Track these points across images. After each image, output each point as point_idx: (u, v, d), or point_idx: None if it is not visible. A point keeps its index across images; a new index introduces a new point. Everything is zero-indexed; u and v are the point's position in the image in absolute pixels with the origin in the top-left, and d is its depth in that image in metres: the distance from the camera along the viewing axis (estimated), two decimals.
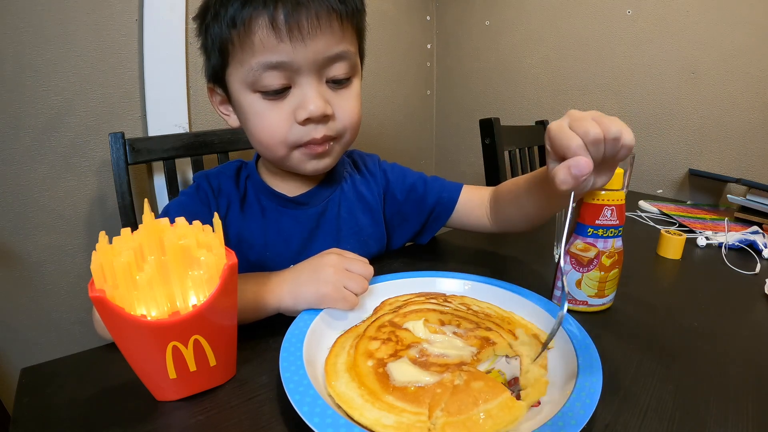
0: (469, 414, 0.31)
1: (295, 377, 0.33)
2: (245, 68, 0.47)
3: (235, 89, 0.50)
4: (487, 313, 0.46)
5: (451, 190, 0.65)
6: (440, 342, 0.40)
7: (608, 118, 0.37)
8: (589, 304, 0.50)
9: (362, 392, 0.33)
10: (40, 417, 0.33)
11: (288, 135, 0.50)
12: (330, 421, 0.29)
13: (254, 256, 0.58)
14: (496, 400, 0.32)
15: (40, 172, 0.87)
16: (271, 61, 0.46)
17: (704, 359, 0.42)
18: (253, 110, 0.50)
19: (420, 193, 0.65)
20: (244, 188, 0.59)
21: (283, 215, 0.59)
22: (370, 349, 0.39)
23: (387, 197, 0.67)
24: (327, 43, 0.47)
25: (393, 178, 0.67)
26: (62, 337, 0.95)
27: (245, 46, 0.46)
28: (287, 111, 0.49)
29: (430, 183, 0.66)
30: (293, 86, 0.48)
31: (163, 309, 0.32)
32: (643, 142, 1.26)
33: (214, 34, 0.48)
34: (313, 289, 0.43)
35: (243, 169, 0.61)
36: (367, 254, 0.61)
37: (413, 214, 0.66)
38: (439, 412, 0.31)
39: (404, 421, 0.30)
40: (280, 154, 0.52)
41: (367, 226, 0.63)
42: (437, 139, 1.83)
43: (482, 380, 0.34)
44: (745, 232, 0.78)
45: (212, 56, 0.50)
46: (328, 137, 0.51)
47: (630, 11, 1.22)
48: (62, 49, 0.85)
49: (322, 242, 0.60)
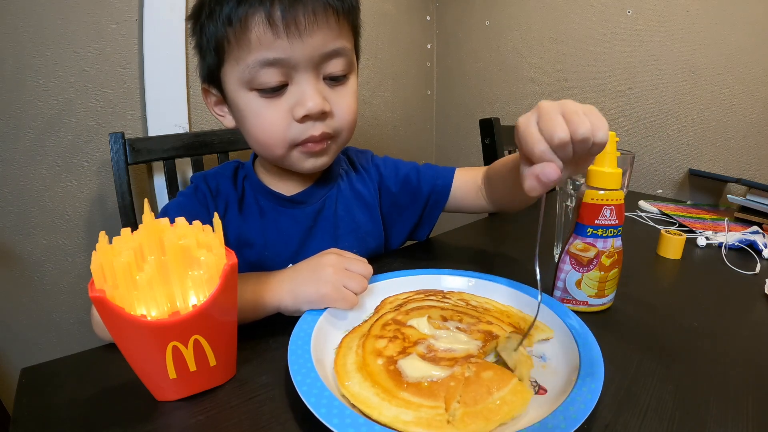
0: (485, 403, 0.32)
1: (307, 380, 0.33)
2: (241, 66, 0.47)
3: (231, 89, 0.50)
4: (485, 307, 0.47)
5: (444, 176, 0.65)
6: (446, 337, 0.41)
7: (579, 113, 0.35)
8: (590, 304, 0.50)
9: (377, 391, 0.33)
10: (40, 417, 0.33)
11: (286, 133, 0.50)
12: (349, 421, 0.29)
13: (253, 257, 0.58)
14: (508, 386, 0.33)
15: (40, 172, 0.87)
16: (267, 58, 0.46)
17: (704, 359, 0.42)
18: (249, 109, 0.49)
19: (414, 183, 0.65)
20: (242, 189, 0.59)
21: (281, 215, 0.59)
22: (378, 348, 0.39)
23: (382, 191, 0.67)
24: (324, 39, 0.47)
25: (386, 172, 0.67)
26: (62, 337, 0.95)
27: (241, 44, 0.46)
28: (285, 109, 0.49)
29: (423, 171, 0.66)
30: (290, 83, 0.48)
31: (163, 309, 0.32)
32: (643, 142, 1.26)
33: (209, 33, 0.48)
34: (312, 288, 0.43)
35: (240, 170, 0.61)
36: (366, 251, 0.62)
37: (410, 205, 0.66)
38: (455, 404, 0.32)
39: (423, 415, 0.31)
40: (279, 153, 0.52)
41: (364, 223, 0.64)
42: (437, 139, 1.83)
43: (491, 369, 0.35)
44: (745, 232, 0.78)
45: (207, 55, 0.50)
46: (326, 134, 0.51)
47: (630, 11, 1.22)
48: (62, 49, 0.85)
49: (320, 240, 0.60)
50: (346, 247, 0.50)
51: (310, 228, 0.60)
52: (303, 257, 0.48)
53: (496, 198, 0.61)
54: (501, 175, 0.58)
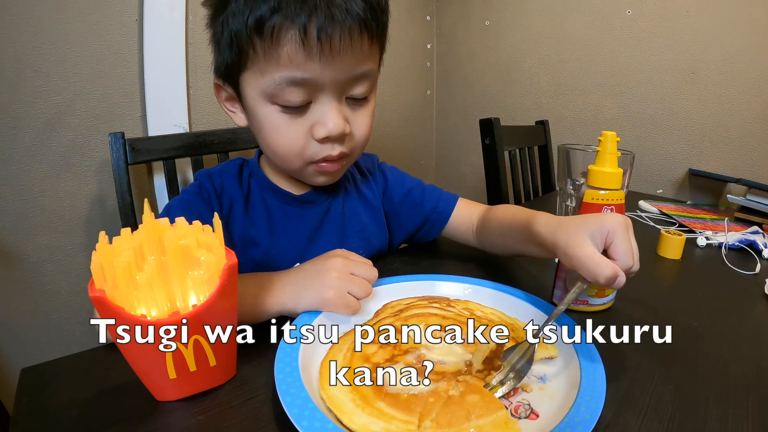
0: (459, 428, 0.30)
1: (288, 378, 0.33)
2: (266, 79, 0.44)
3: (251, 96, 0.48)
4: (490, 319, 0.45)
5: (447, 201, 0.66)
6: (439, 348, 0.39)
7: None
8: (590, 303, 0.50)
9: (354, 397, 0.33)
10: (40, 417, 0.33)
11: (304, 150, 0.49)
12: (318, 425, 0.28)
13: (259, 255, 0.57)
14: (490, 417, 0.31)
15: (40, 172, 0.87)
16: (296, 77, 0.44)
17: (704, 359, 0.42)
18: (269, 121, 0.48)
19: (417, 200, 0.66)
20: (248, 187, 0.59)
21: (288, 214, 0.58)
22: (367, 353, 0.38)
23: (385, 197, 0.67)
24: (355, 62, 0.46)
25: (392, 179, 0.67)
26: (62, 337, 0.95)
27: (270, 57, 0.43)
28: (306, 126, 0.47)
29: (428, 191, 0.67)
30: (313, 102, 0.47)
31: (163, 309, 0.32)
32: (643, 142, 1.26)
33: (233, 33, 0.44)
34: (315, 293, 0.43)
35: (245, 167, 0.60)
36: (371, 250, 0.62)
37: (409, 219, 0.66)
38: (428, 422, 0.30)
39: (392, 428, 0.30)
40: (295, 167, 0.51)
41: (369, 224, 0.64)
42: (437, 139, 1.83)
43: (479, 394, 0.33)
44: (745, 232, 0.78)
45: (226, 54, 0.47)
46: (343, 154, 0.50)
47: (630, 11, 1.22)
48: (62, 49, 0.85)
49: (327, 241, 0.60)
50: (351, 248, 0.49)
51: (316, 228, 0.60)
52: (309, 257, 0.48)
53: (486, 241, 0.62)
54: (504, 224, 0.57)
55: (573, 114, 1.40)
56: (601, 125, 1.34)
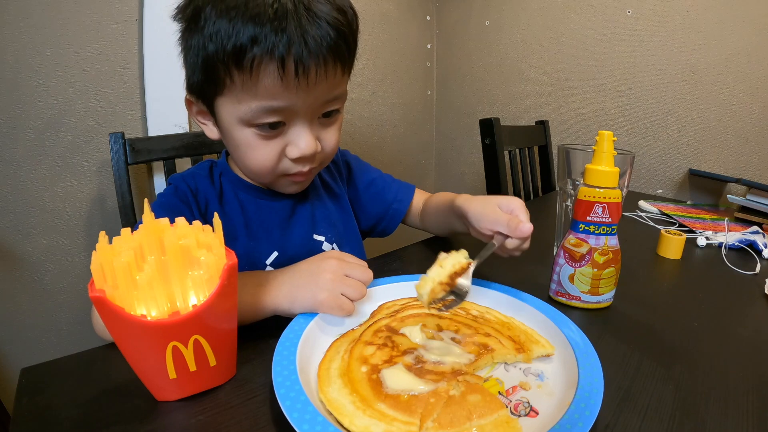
0: (461, 428, 0.30)
1: (287, 382, 0.33)
2: (243, 107, 0.46)
3: (226, 120, 0.49)
4: (486, 318, 0.46)
5: (405, 192, 0.73)
6: (437, 348, 0.39)
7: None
8: (583, 300, 0.50)
9: (354, 399, 0.33)
10: (40, 417, 0.33)
11: (277, 166, 0.51)
12: (320, 428, 0.28)
13: (240, 249, 0.59)
14: (491, 416, 0.31)
15: (40, 172, 0.87)
16: (272, 106, 0.46)
17: (704, 359, 0.42)
18: (245, 142, 0.49)
19: (379, 189, 0.72)
20: (220, 185, 0.61)
21: (261, 207, 0.61)
22: (365, 355, 0.38)
23: (349, 185, 0.72)
24: (329, 89, 0.48)
25: (356, 168, 0.72)
26: (62, 337, 0.95)
27: (247, 88, 0.44)
28: (280, 146, 0.50)
29: (388, 181, 0.73)
30: (287, 123, 0.49)
31: (163, 309, 0.32)
32: (643, 142, 1.26)
33: (207, 58, 0.44)
34: (309, 294, 0.43)
35: (215, 168, 0.62)
36: (338, 235, 0.66)
37: (372, 207, 0.72)
38: (430, 422, 0.30)
39: (394, 430, 0.30)
40: (267, 180, 0.55)
41: (334, 211, 0.67)
42: (437, 139, 1.83)
43: (480, 394, 0.33)
44: (745, 232, 0.78)
45: (199, 75, 0.47)
46: (314, 169, 0.54)
47: (630, 11, 1.22)
48: (62, 49, 0.85)
49: (300, 228, 0.62)
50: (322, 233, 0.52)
51: (289, 217, 0.62)
52: (287, 245, 0.50)
53: (426, 225, 0.72)
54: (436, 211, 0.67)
55: (573, 114, 1.40)
56: (601, 125, 1.34)
